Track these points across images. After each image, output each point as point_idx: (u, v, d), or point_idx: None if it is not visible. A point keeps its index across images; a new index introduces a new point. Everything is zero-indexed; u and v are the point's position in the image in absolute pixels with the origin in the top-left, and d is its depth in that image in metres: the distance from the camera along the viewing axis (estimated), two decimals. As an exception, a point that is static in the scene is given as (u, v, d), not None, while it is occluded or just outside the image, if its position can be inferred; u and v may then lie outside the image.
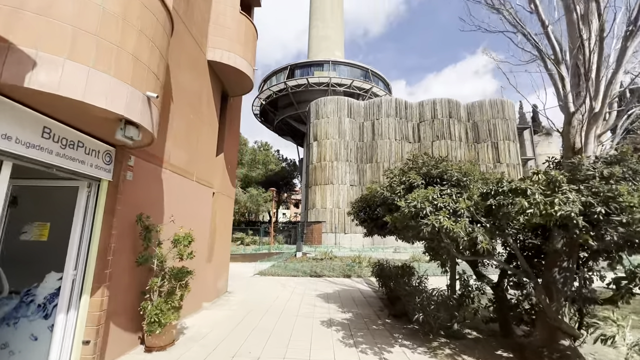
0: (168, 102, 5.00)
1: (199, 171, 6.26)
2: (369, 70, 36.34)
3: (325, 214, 24.65)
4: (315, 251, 21.33)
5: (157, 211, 4.59)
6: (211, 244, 7.30)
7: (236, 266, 15.12)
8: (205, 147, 6.59)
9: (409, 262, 15.72)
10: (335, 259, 16.48)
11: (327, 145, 25.95)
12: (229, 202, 8.45)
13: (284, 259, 17.01)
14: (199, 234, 6.34)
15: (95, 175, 3.33)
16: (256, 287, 9.14)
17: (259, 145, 33.55)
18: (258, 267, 13.56)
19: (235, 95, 8.34)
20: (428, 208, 3.30)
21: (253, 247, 24.47)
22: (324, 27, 42.38)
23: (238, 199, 26.10)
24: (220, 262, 7.75)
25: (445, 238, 3.42)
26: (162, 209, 4.76)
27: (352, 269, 13.34)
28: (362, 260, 14.53)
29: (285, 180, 50.15)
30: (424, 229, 3.30)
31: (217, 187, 7.55)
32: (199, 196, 6.26)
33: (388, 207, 5.66)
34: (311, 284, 9.91)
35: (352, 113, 27.03)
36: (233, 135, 8.75)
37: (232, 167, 8.72)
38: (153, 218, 4.33)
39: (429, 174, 3.97)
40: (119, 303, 3.73)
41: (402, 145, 26.02)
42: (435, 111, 26.58)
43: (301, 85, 34.31)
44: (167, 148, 4.97)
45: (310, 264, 14.49)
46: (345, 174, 25.55)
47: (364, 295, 8.29)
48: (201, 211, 6.42)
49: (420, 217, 3.34)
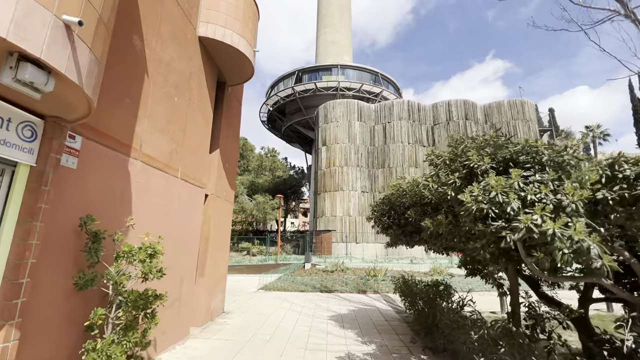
0: (139, 74, 3.93)
1: (186, 167, 5.15)
2: (379, 73, 35.35)
3: (335, 222, 23.30)
4: (325, 262, 19.96)
5: (118, 214, 3.45)
6: (203, 256, 6.13)
7: (239, 279, 13.90)
8: (195, 139, 5.49)
9: (431, 274, 14.27)
10: (347, 271, 15.10)
11: (337, 150, 24.79)
12: (227, 207, 7.31)
13: (291, 271, 15.72)
14: (186, 244, 5.18)
15: (4, 156, 2.22)
16: (259, 305, 7.88)
17: (266, 152, 32.61)
18: (263, 280, 12.31)
19: (234, 83, 7.29)
20: (515, 203, 2.06)
21: (259, 257, 23.26)
22: (332, 32, 41.84)
23: (244, 206, 25.05)
24: (215, 276, 6.56)
25: (539, 251, 2.16)
26: (126, 212, 3.62)
27: (367, 282, 11.96)
28: (378, 273, 13.13)
29: (294, 188, 49.03)
30: (508, 236, 2.06)
31: (212, 189, 6.42)
32: (185, 197, 5.13)
33: (422, 209, 4.41)
34: (322, 302, 8.60)
35: (363, 116, 25.92)
36: (232, 131, 7.67)
37: (232, 167, 7.61)
38: (111, 222, 3.19)
39: (495, 156, 2.73)
40: (47, 349, 2.55)
41: (415, 149, 24.66)
42: (451, 113, 25.23)
43: (309, 90, 33.48)
44: (138, 133, 3.86)
45: (320, 277, 13.17)
46: (356, 179, 24.26)
47: (385, 318, 6.94)
48: (189, 216, 5.28)
49: (505, 217, 2.11)
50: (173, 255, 4.65)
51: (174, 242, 4.71)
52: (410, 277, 7.13)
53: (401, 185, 5.09)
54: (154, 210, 4.18)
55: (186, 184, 5.17)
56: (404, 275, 7.19)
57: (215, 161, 6.61)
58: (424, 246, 5.25)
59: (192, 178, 5.38)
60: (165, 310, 4.43)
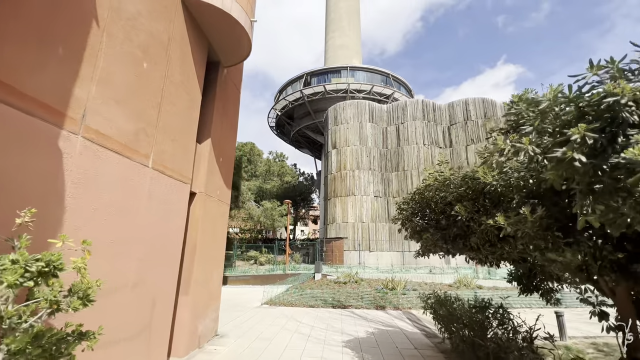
0: (83, 17, 2.86)
1: (162, 155, 4.06)
2: (390, 75, 34.21)
3: (347, 229, 21.93)
4: (337, 272, 18.57)
5: (42, 211, 2.33)
6: (188, 269, 4.98)
7: (243, 291, 12.69)
8: (176, 122, 4.41)
9: (457, 286, 12.73)
10: (362, 283, 13.71)
11: (348, 153, 23.57)
12: (221, 209, 6.18)
13: (300, 282, 14.44)
14: (161, 255, 4.05)
15: None
16: (260, 325, 6.65)
17: (274, 156, 31.59)
18: (269, 292, 11.07)
19: (229, 63, 6.24)
20: None
21: (267, 267, 22.06)
22: (341, 36, 41.12)
23: (251, 213, 24.01)
24: (205, 294, 5.39)
25: None
26: (55, 208, 2.51)
27: (385, 296, 10.57)
28: (397, 285, 11.71)
29: (303, 195, 47.88)
30: None
31: (201, 186, 5.32)
32: (160, 193, 4.02)
33: (477, 204, 3.16)
34: (334, 321, 7.31)
35: (374, 117, 24.70)
36: (228, 120, 6.61)
37: (227, 162, 6.52)
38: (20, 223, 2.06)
39: None
40: None
41: (431, 151, 23.21)
42: (468, 112, 23.75)
43: (318, 93, 32.59)
44: (79, 98, 2.78)
45: (331, 290, 11.84)
46: (369, 183, 22.92)
47: (413, 344, 5.60)
48: (166, 218, 4.15)
49: None
50: (138, 269, 3.51)
51: (141, 252, 3.58)
52: (442, 293, 5.79)
53: (442, 174, 3.85)
54: (106, 208, 3.06)
55: (162, 176, 4.06)
56: (436, 292, 5.85)
57: (205, 153, 5.51)
58: (466, 255, 3.98)
59: (171, 169, 4.28)
60: (125, 345, 3.27)
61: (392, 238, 22.25)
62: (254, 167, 27.02)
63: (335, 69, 33.89)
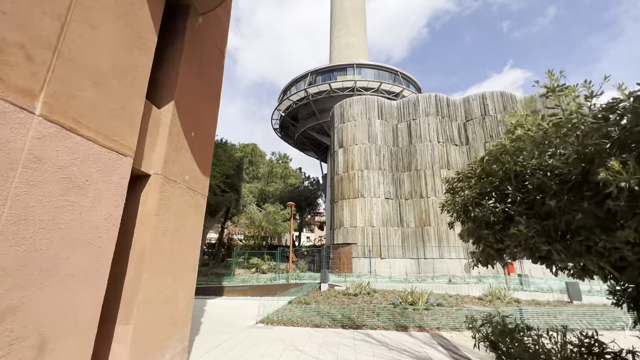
0: None
1: (69, 101, 2.50)
2: (398, 72, 32.65)
3: (356, 234, 20.15)
4: (346, 281, 16.77)
5: None
6: (132, 285, 3.38)
7: (238, 304, 11.02)
8: (101, 57, 2.86)
9: (489, 299, 10.84)
10: (375, 295, 11.93)
11: (355, 152, 21.90)
12: (194, 201, 4.60)
13: (304, 294, 12.72)
14: (64, 264, 2.46)
15: None
16: (248, 357, 4.97)
17: (277, 158, 30.00)
18: (267, 306, 9.41)
19: (204, 9, 4.73)
20: None
21: (269, 275, 20.37)
22: (347, 35, 39.86)
23: (253, 217, 22.41)
24: (161, 319, 3.77)
25: None
26: None
27: (405, 312, 8.80)
28: (418, 298, 9.92)
29: (309, 200, 46.19)
30: None
31: (157, 165, 3.75)
32: (64, 162, 2.45)
33: None
34: (346, 349, 5.60)
35: (384, 114, 23.06)
36: (205, 85, 5.06)
37: (204, 141, 4.96)
38: None
39: None
40: None
41: (446, 149, 21.40)
42: (486, 107, 21.94)
43: (323, 91, 31.14)
44: None
45: (340, 304, 10.12)
46: (379, 184, 21.16)
47: (463, 394, 3.84)
48: (78, 204, 2.57)
49: None
50: (6, 288, 1.93)
51: (9, 260, 1.99)
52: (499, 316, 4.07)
53: (541, 127, 2.17)
54: None
55: (68, 134, 2.50)
56: (490, 315, 4.11)
57: (166, 120, 3.96)
58: (589, 262, 2.29)
59: (90, 128, 2.71)
60: None
61: (405, 244, 20.38)
62: (256, 168, 25.52)
63: (341, 67, 32.47)
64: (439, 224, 19.72)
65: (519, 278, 13.93)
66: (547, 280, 14.41)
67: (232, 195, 22.42)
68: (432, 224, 19.82)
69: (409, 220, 20.85)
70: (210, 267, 23.16)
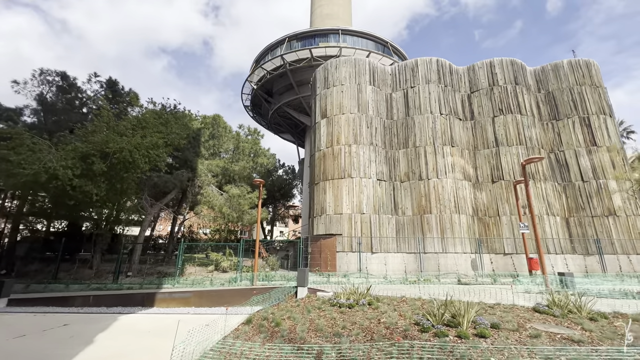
0: None
1: None
2: (389, 43, 29.03)
3: (341, 223, 16.16)
4: (329, 282, 12.70)
5: None
6: None
7: (159, 328, 6.40)
8: None
9: (558, 314, 7.11)
10: (379, 305, 7.95)
11: (342, 123, 17.82)
12: None
13: (272, 304, 8.46)
14: None
15: None
16: None
17: (247, 133, 25.21)
18: (211, 331, 5.06)
19: None
20: None
21: (231, 274, 15.87)
22: (329, 4, 35.57)
23: (211, 202, 17.72)
24: None
25: None
26: None
27: (446, 345, 4.86)
28: (459, 316, 6.03)
29: (283, 190, 41.57)
30: None
31: None
32: None
33: None
34: None
35: (376, 80, 19.16)
36: None
37: None
38: None
39: None
40: None
41: (449, 122, 17.95)
42: (495, 76, 18.75)
43: (302, 59, 26.73)
44: None
45: (329, 322, 6.01)
46: (370, 162, 17.26)
47: None
48: None
49: None
50: None
51: None
52: None
53: None
54: None
55: None
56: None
57: None
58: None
59: None
60: None
61: (400, 235, 16.69)
62: (219, 142, 20.75)
63: (324, 32, 28.18)
64: (441, 210, 16.21)
65: (558, 277, 10.60)
66: (595, 280, 11.44)
67: (184, 173, 17.49)
68: (434, 210, 16.27)
69: (405, 206, 17.18)
70: (153, 264, 18.17)
